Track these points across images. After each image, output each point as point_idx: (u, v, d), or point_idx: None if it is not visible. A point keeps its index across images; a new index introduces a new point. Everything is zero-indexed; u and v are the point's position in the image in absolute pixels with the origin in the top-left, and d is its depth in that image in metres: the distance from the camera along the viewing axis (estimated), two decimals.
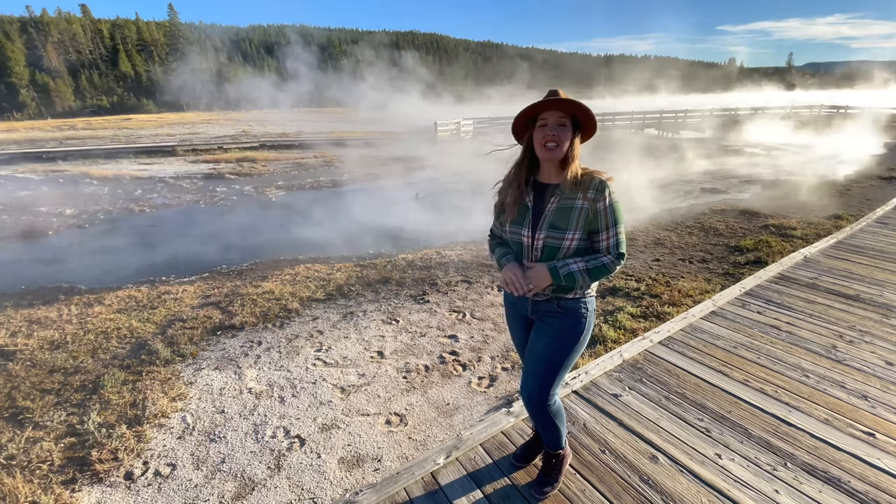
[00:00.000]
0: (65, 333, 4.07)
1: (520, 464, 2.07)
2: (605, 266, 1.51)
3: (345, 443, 2.69)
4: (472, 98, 61.03)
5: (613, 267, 1.52)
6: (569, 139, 1.48)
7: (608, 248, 1.52)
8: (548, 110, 1.48)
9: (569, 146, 1.48)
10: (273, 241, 7.53)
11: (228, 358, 3.63)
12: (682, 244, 6.35)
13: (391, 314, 4.36)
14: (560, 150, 1.48)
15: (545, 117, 1.49)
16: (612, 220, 1.50)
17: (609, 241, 1.52)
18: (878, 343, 3.05)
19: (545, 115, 1.49)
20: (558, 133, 1.46)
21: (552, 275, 1.52)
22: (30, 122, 44.34)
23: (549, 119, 1.48)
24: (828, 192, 9.74)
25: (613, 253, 1.53)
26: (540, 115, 1.50)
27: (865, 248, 5.01)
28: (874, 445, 2.15)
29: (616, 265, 1.52)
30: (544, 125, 1.48)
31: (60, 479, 2.45)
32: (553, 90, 1.49)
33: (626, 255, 1.55)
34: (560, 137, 1.46)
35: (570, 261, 1.52)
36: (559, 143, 1.46)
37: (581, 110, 1.47)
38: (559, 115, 1.47)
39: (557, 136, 1.46)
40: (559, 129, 1.46)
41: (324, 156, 18.00)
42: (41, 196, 11.66)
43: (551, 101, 1.45)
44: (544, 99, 1.48)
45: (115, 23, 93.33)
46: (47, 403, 3.05)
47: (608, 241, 1.52)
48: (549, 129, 1.47)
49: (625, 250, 1.54)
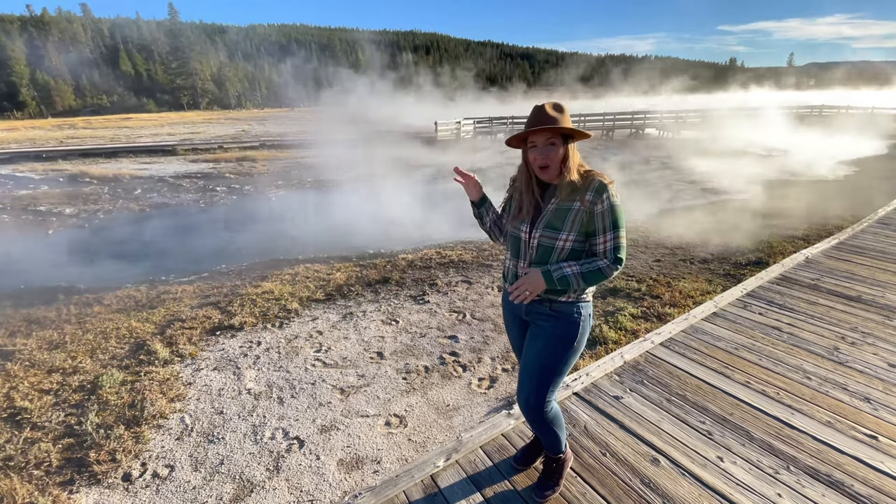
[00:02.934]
0: (63, 333, 4.06)
1: (520, 466, 2.06)
2: (601, 270, 1.50)
3: (344, 444, 2.68)
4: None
5: (610, 272, 1.51)
6: (559, 155, 1.50)
7: (605, 252, 1.51)
8: (534, 136, 1.50)
9: (562, 158, 1.50)
10: (272, 240, 7.52)
11: (227, 358, 3.62)
12: (683, 244, 6.33)
13: (391, 315, 4.35)
14: (551, 170, 1.51)
15: (534, 140, 1.51)
16: (611, 224, 1.49)
17: (606, 244, 1.50)
18: (880, 345, 3.03)
19: (533, 139, 1.51)
20: (547, 154, 1.49)
21: (546, 279, 1.51)
22: (30, 121, 44.37)
23: (537, 141, 1.50)
24: (828, 192, 9.72)
25: (610, 257, 1.51)
26: (529, 138, 1.52)
27: (867, 248, 4.99)
28: (877, 448, 2.13)
29: (613, 270, 1.50)
30: (534, 146, 1.51)
31: (58, 481, 2.43)
32: (539, 107, 1.50)
33: (624, 260, 1.52)
34: (550, 158, 1.49)
35: (563, 264, 1.52)
36: (549, 163, 1.50)
37: (566, 130, 1.48)
38: (546, 137, 1.49)
39: (547, 157, 1.49)
40: (548, 149, 1.49)
41: (324, 155, 17.99)
42: (41, 195, 11.66)
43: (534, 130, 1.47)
44: (529, 128, 1.49)
45: (115, 22, 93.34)
46: (45, 404, 3.04)
47: (605, 244, 1.50)
48: (539, 151, 1.50)
49: (623, 255, 1.51)
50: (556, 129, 1.46)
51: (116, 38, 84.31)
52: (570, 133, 1.49)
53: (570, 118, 1.51)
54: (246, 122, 36.18)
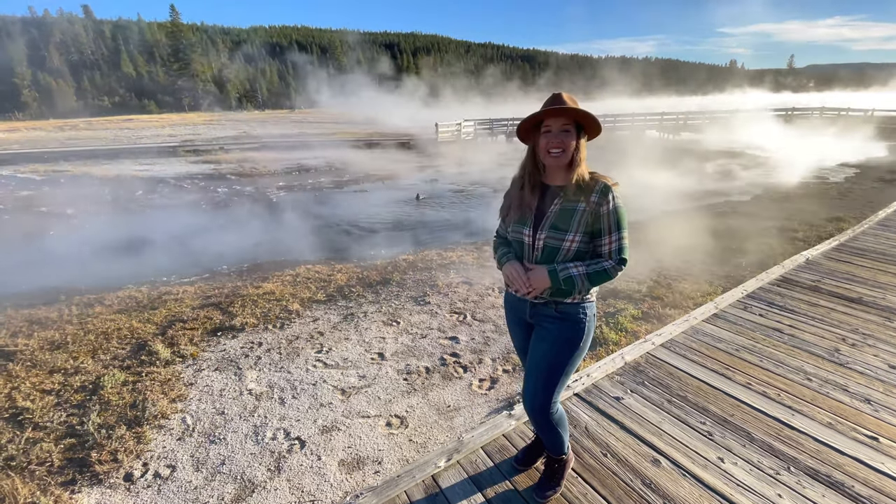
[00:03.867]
0: (65, 334, 4.06)
1: (521, 467, 2.06)
2: (606, 271, 1.51)
3: (345, 445, 2.68)
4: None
5: (614, 272, 1.52)
6: (573, 144, 1.49)
7: (610, 253, 1.52)
8: (551, 117, 1.48)
9: (574, 150, 1.50)
10: (273, 242, 7.53)
11: (229, 359, 3.62)
12: (684, 245, 6.33)
13: (392, 315, 4.35)
14: (565, 156, 1.50)
15: (549, 124, 1.49)
16: (616, 225, 1.50)
17: (611, 245, 1.51)
18: (881, 346, 3.04)
19: (549, 122, 1.49)
20: (563, 139, 1.48)
21: (551, 278, 1.52)
22: (32, 122, 44.41)
23: (552, 126, 1.48)
24: (829, 194, 9.72)
25: (615, 258, 1.52)
26: (544, 122, 1.50)
27: (868, 250, 4.99)
28: (878, 450, 2.13)
29: (617, 271, 1.52)
30: (548, 131, 1.49)
31: (60, 481, 2.44)
32: (556, 94, 1.49)
33: (628, 260, 1.53)
34: (565, 143, 1.48)
35: (570, 265, 1.51)
36: (564, 148, 1.48)
37: (583, 116, 1.48)
38: (563, 122, 1.48)
39: (562, 143, 1.48)
40: (563, 135, 1.48)
41: (325, 157, 18.01)
42: (42, 196, 11.68)
43: (553, 110, 1.46)
44: (548, 107, 1.48)
45: (117, 23, 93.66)
46: (47, 404, 3.04)
47: (610, 245, 1.51)
48: (553, 136, 1.48)
49: (627, 256, 1.53)
50: (574, 111, 1.45)
51: (118, 40, 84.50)
52: (585, 121, 1.49)
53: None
54: (246, 124, 36.24)
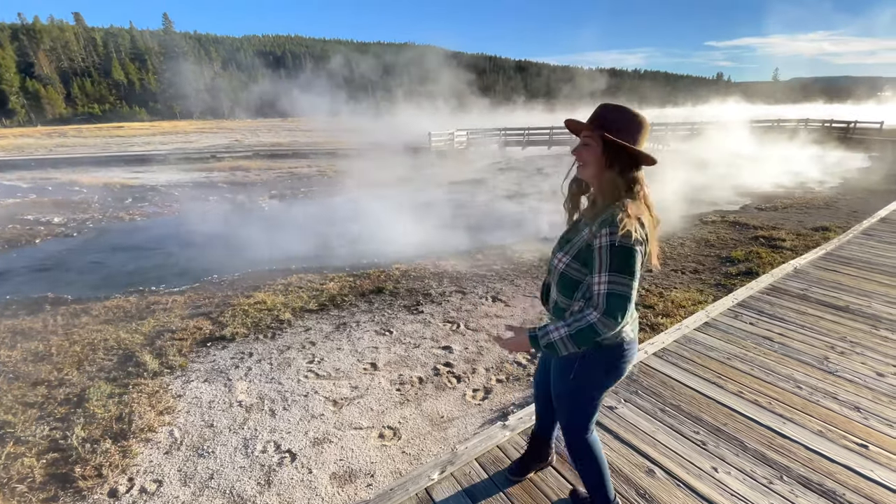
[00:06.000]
0: (50, 345, 3.98)
1: (515, 478, 2.04)
2: (592, 327, 1.27)
3: (337, 457, 2.64)
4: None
5: (602, 328, 1.26)
6: (595, 159, 1.34)
7: (597, 298, 1.27)
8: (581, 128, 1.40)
9: (597, 169, 1.34)
10: (264, 250, 7.46)
11: (218, 370, 3.56)
12: (675, 255, 6.40)
13: (385, 325, 4.32)
14: (585, 170, 1.38)
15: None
16: (606, 265, 1.25)
17: (598, 288, 1.27)
18: (868, 354, 3.08)
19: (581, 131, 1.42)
20: (580, 151, 1.37)
21: (532, 344, 1.39)
22: (19, 129, 43.95)
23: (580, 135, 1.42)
24: (815, 204, 9.92)
25: (600, 308, 1.26)
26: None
27: (853, 259, 5.08)
28: (867, 457, 2.15)
29: (606, 326, 1.26)
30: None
31: (42, 497, 2.37)
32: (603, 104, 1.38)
33: (619, 314, 1.25)
34: (583, 156, 1.36)
35: (551, 328, 1.35)
36: (584, 163, 1.37)
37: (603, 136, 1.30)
38: (584, 134, 1.37)
39: (580, 155, 1.38)
40: (581, 147, 1.37)
41: (317, 165, 18.00)
42: (29, 204, 11.50)
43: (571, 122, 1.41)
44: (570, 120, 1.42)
45: (108, 31, 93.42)
46: (30, 417, 2.97)
47: (598, 287, 1.27)
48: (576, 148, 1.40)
49: (618, 308, 1.25)
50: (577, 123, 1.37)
51: (109, 48, 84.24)
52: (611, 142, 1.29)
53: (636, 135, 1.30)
54: (239, 133, 36.15)
